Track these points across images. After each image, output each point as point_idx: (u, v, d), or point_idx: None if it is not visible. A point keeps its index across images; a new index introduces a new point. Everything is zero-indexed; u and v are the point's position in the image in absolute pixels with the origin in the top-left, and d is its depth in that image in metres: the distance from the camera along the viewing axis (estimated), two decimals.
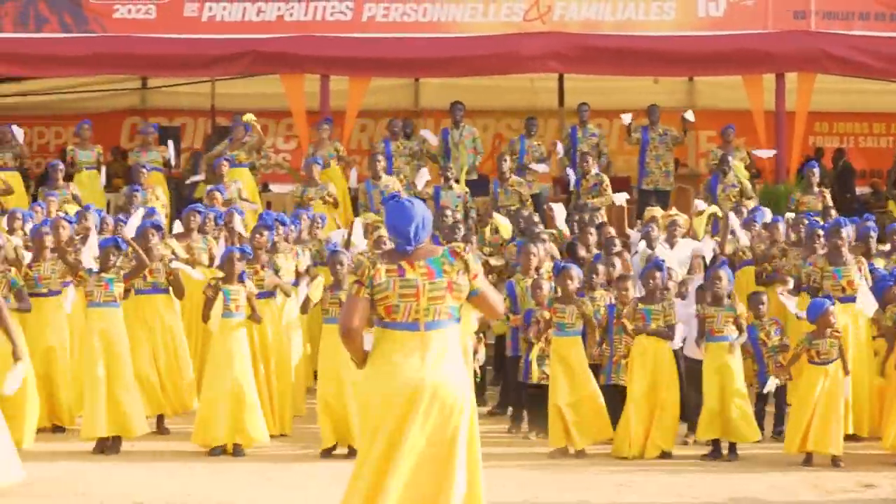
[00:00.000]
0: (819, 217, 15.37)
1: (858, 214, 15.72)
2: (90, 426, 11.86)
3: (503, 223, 15.37)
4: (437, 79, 21.11)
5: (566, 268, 12.30)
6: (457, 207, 16.62)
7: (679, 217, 15.18)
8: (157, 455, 11.84)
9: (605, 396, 12.04)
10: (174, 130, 21.42)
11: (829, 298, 12.05)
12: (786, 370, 12.15)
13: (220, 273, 12.26)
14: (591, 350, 12.29)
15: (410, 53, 19.26)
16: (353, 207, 18.10)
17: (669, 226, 14.91)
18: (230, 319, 11.94)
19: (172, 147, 18.87)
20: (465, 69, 19.52)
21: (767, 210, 15.86)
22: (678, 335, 12.05)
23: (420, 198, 16.88)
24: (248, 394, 11.88)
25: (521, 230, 15.07)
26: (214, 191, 16.20)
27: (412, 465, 6.69)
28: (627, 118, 18.53)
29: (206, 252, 14.17)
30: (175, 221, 14.93)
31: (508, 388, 13.37)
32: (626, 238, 15.29)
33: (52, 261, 12.77)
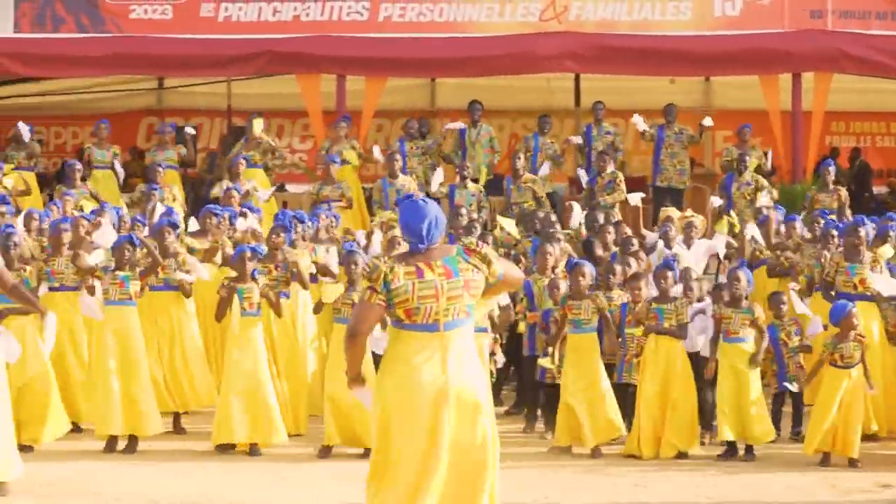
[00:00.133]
0: (834, 215, 15.35)
1: (876, 213, 15.67)
2: (103, 424, 11.88)
3: (507, 224, 15.37)
4: (454, 79, 21.08)
5: (579, 264, 12.27)
6: (471, 206, 16.61)
7: (696, 218, 15.15)
8: (172, 454, 11.84)
9: (617, 395, 12.03)
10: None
11: (849, 298, 12.01)
12: (809, 378, 11.96)
13: (233, 273, 12.27)
14: (611, 346, 12.26)
15: (426, 53, 19.26)
16: (368, 206, 18.12)
17: (686, 227, 14.90)
18: (245, 318, 11.93)
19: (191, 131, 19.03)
20: (481, 69, 19.50)
21: (782, 209, 15.82)
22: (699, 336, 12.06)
23: (434, 198, 17.07)
24: (267, 393, 11.88)
25: (537, 230, 15.05)
26: (232, 189, 16.22)
27: (447, 474, 6.61)
28: (640, 124, 18.44)
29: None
30: (189, 219, 14.94)
31: (525, 388, 13.35)
32: (642, 238, 15.27)
33: (68, 257, 12.78)
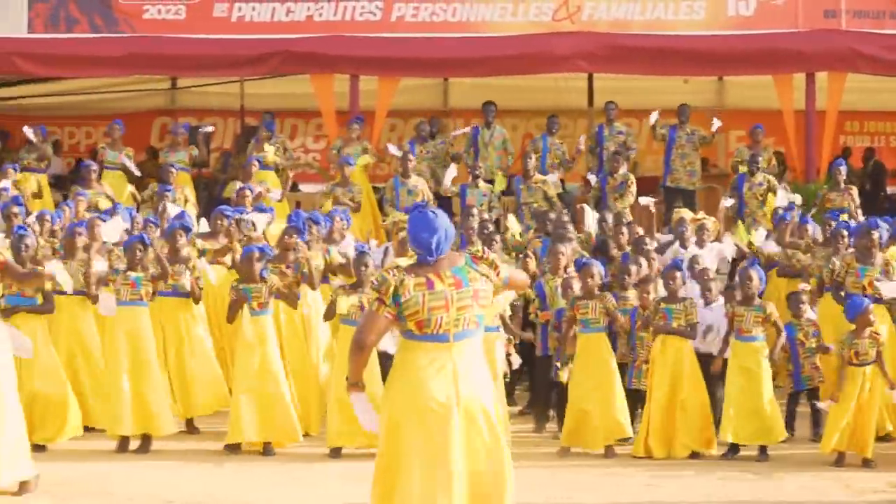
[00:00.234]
0: (846, 215, 15.32)
1: (890, 213, 15.64)
2: (114, 424, 11.91)
3: (511, 224, 15.35)
4: (467, 79, 21.08)
5: (588, 264, 12.25)
6: (482, 206, 16.61)
7: (707, 220, 15.12)
8: (186, 454, 11.86)
9: (628, 400, 12.01)
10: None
11: (868, 297, 11.98)
12: (840, 385, 11.72)
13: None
14: (621, 348, 12.26)
15: (440, 53, 19.24)
16: (380, 205, 18.13)
17: (698, 230, 14.86)
18: (255, 318, 11.93)
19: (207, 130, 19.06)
20: (495, 69, 19.49)
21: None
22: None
23: (445, 195, 17.09)
24: (280, 392, 11.87)
25: (547, 230, 15.03)
26: (245, 189, 16.23)
27: (467, 485, 6.61)
28: (654, 117, 18.47)
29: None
30: (200, 220, 14.96)
31: (538, 388, 13.33)
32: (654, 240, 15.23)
33: (81, 262, 12.74)
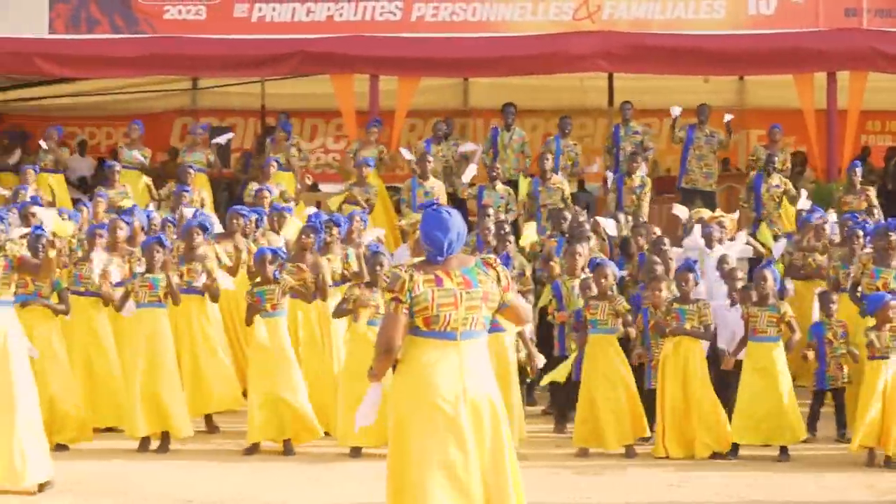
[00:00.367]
0: (864, 215, 15.28)
1: None
2: (132, 425, 11.95)
3: (528, 234, 15.32)
4: (486, 78, 21.08)
5: (601, 264, 12.24)
6: (499, 207, 16.60)
7: (725, 218, 15.08)
8: (205, 454, 11.89)
9: (646, 400, 12.00)
10: (225, 131, 21.48)
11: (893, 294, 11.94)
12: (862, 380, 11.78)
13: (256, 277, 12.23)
14: (637, 349, 12.25)
15: (459, 53, 19.22)
16: (396, 207, 18.13)
17: (704, 225, 14.82)
18: (268, 319, 11.94)
19: (221, 142, 19.00)
20: (515, 69, 19.46)
21: (820, 211, 15.75)
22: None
23: (462, 196, 17.06)
24: (296, 392, 11.87)
25: (562, 230, 15.01)
26: (263, 190, 16.25)
27: (480, 483, 6.64)
28: (676, 110, 18.43)
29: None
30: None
31: (556, 388, 13.30)
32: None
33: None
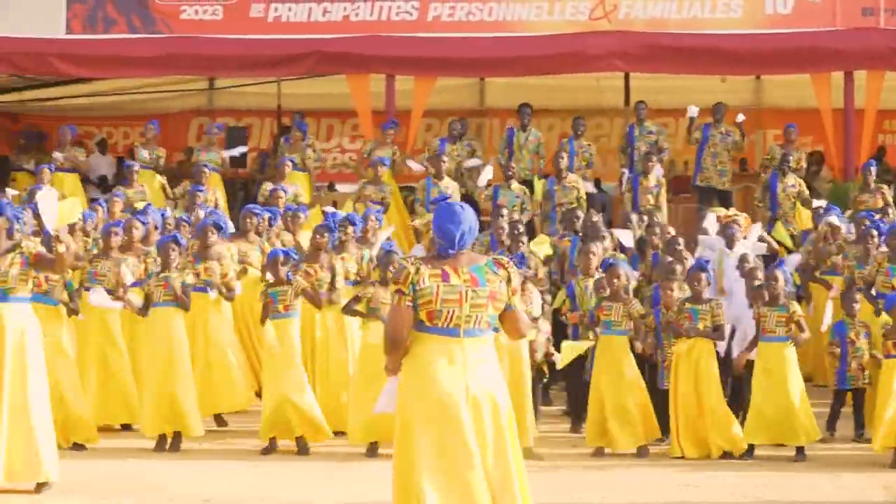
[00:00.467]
0: (879, 214, 15.26)
1: None
2: (148, 424, 12.01)
3: (539, 247, 15.31)
4: (503, 78, 21.07)
5: (614, 265, 12.22)
6: (514, 207, 16.59)
7: (739, 217, 15.05)
8: (222, 454, 11.91)
9: (661, 400, 12.00)
10: (241, 131, 21.52)
11: None
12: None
13: (270, 278, 12.23)
14: (647, 349, 12.24)
15: (476, 53, 19.21)
16: (410, 207, 18.14)
17: (725, 226, 14.78)
18: (280, 320, 11.93)
19: (235, 154, 18.91)
20: (531, 69, 19.44)
21: (836, 209, 15.73)
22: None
23: (479, 198, 17.04)
24: (304, 393, 11.86)
25: (576, 230, 14.99)
26: (278, 190, 16.26)
27: (484, 481, 6.62)
28: (694, 111, 18.40)
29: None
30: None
31: (573, 389, 13.27)
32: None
33: (114, 262, 12.81)
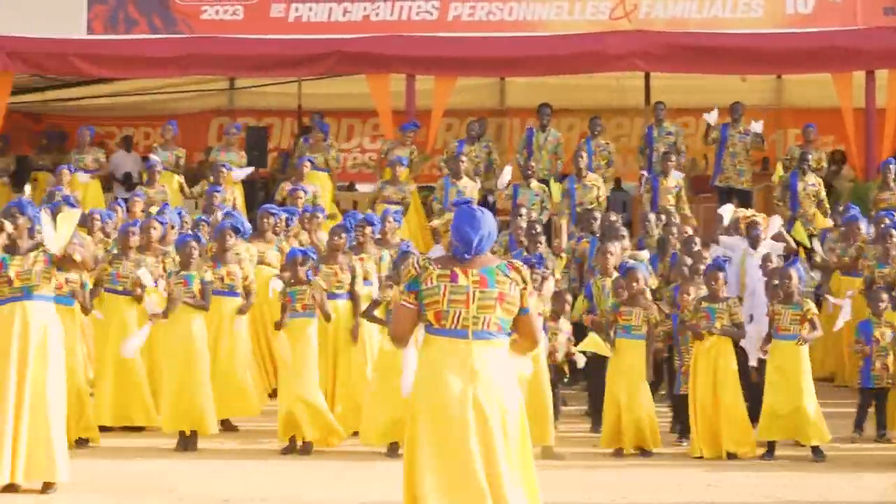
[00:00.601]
0: None
1: None
2: (168, 423, 12.05)
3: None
4: (523, 78, 21.07)
5: (632, 268, 12.20)
6: (533, 206, 16.58)
7: (758, 217, 15.02)
8: (237, 453, 11.94)
9: (677, 405, 11.95)
10: (262, 131, 21.54)
11: None
12: None
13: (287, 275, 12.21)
14: (655, 353, 12.25)
15: (496, 53, 19.21)
16: (428, 208, 18.15)
17: (749, 226, 14.75)
18: (299, 319, 11.92)
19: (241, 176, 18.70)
20: (551, 68, 19.44)
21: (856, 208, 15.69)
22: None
23: (499, 198, 17.03)
24: (311, 395, 11.83)
25: (593, 230, 14.96)
26: (298, 190, 16.27)
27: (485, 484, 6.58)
28: (712, 118, 18.37)
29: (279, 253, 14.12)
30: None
31: (593, 389, 13.22)
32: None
33: (134, 262, 12.82)
